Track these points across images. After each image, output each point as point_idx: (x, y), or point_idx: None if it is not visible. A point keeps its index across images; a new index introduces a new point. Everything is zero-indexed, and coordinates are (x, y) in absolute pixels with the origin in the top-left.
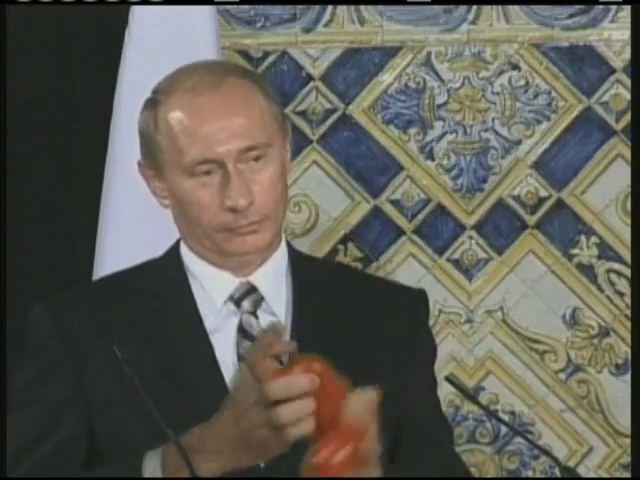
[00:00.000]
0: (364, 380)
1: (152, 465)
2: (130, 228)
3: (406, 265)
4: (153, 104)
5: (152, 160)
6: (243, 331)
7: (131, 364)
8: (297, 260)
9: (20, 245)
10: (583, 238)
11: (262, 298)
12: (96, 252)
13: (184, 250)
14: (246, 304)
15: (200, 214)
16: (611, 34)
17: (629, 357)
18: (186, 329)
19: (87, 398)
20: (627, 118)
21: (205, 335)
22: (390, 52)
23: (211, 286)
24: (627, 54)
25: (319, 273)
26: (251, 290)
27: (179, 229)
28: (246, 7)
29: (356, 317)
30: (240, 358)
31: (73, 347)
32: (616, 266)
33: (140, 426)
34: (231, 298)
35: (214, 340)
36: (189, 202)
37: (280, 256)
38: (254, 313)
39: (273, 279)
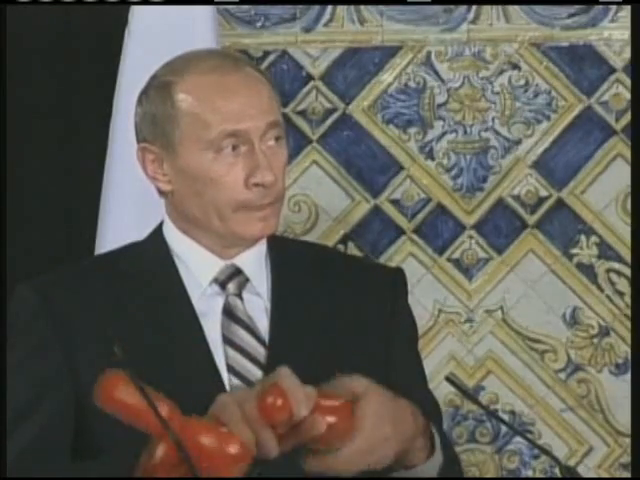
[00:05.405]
0: (346, 357)
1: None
2: (130, 216)
3: (406, 265)
4: (164, 85)
5: (163, 139)
6: (228, 312)
7: (121, 345)
8: (274, 241)
9: (20, 237)
10: (583, 238)
11: (247, 280)
12: (96, 243)
13: (168, 232)
14: (231, 286)
15: (220, 191)
16: (611, 34)
17: (629, 357)
18: (175, 310)
19: (78, 379)
20: (627, 118)
21: (195, 316)
22: (390, 52)
23: (196, 267)
24: (627, 54)
25: (297, 252)
26: (236, 272)
27: (184, 208)
28: (246, 7)
29: (335, 294)
30: (225, 339)
31: (60, 326)
32: (616, 266)
33: None
34: (215, 280)
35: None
36: (209, 179)
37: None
38: (239, 295)
39: (256, 261)
